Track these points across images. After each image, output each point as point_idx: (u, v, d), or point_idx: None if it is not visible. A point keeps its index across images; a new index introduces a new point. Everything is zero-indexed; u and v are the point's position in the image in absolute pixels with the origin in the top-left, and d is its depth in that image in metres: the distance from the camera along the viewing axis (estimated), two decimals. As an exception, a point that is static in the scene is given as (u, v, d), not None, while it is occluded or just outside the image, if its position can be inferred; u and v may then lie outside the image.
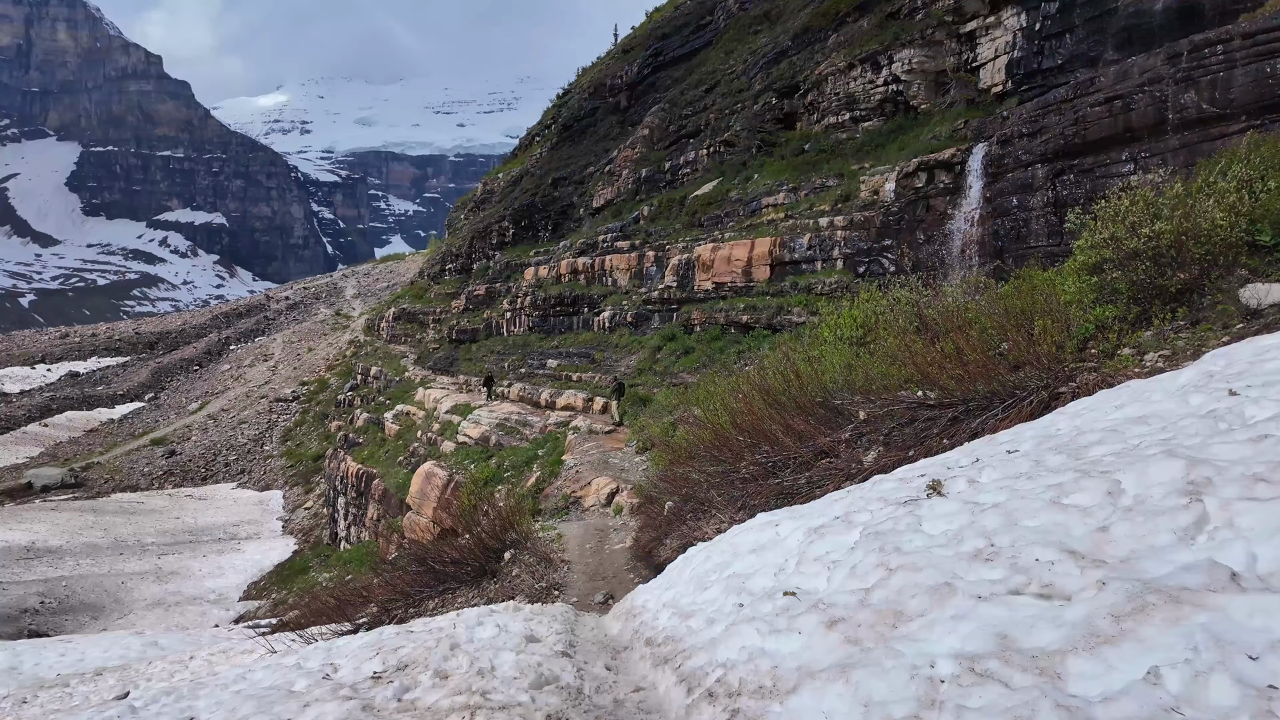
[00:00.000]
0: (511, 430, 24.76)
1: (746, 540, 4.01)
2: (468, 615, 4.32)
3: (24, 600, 32.81)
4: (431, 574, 10.38)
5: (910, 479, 3.82)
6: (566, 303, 33.51)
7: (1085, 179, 15.70)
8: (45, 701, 10.45)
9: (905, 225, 20.09)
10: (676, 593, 3.99)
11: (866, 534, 3.08)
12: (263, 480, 56.22)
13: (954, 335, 9.02)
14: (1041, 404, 6.89)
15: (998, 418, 7.09)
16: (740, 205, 27.35)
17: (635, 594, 5.36)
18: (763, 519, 4.60)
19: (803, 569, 3.10)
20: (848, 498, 3.99)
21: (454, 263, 56.38)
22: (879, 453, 7.67)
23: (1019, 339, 8.37)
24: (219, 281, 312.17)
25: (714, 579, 3.67)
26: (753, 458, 8.57)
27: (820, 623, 2.49)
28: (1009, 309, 9.58)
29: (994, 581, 2.33)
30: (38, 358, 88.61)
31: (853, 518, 3.41)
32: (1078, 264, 9.69)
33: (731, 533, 4.95)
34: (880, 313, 11.00)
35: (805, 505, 4.75)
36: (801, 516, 4.02)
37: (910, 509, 3.20)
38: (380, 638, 4.08)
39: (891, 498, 3.53)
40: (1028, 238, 16.72)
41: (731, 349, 22.55)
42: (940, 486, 3.46)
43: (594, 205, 41.59)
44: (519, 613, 4.63)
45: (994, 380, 7.65)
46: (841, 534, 3.25)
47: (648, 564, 8.12)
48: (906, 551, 2.74)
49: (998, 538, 2.62)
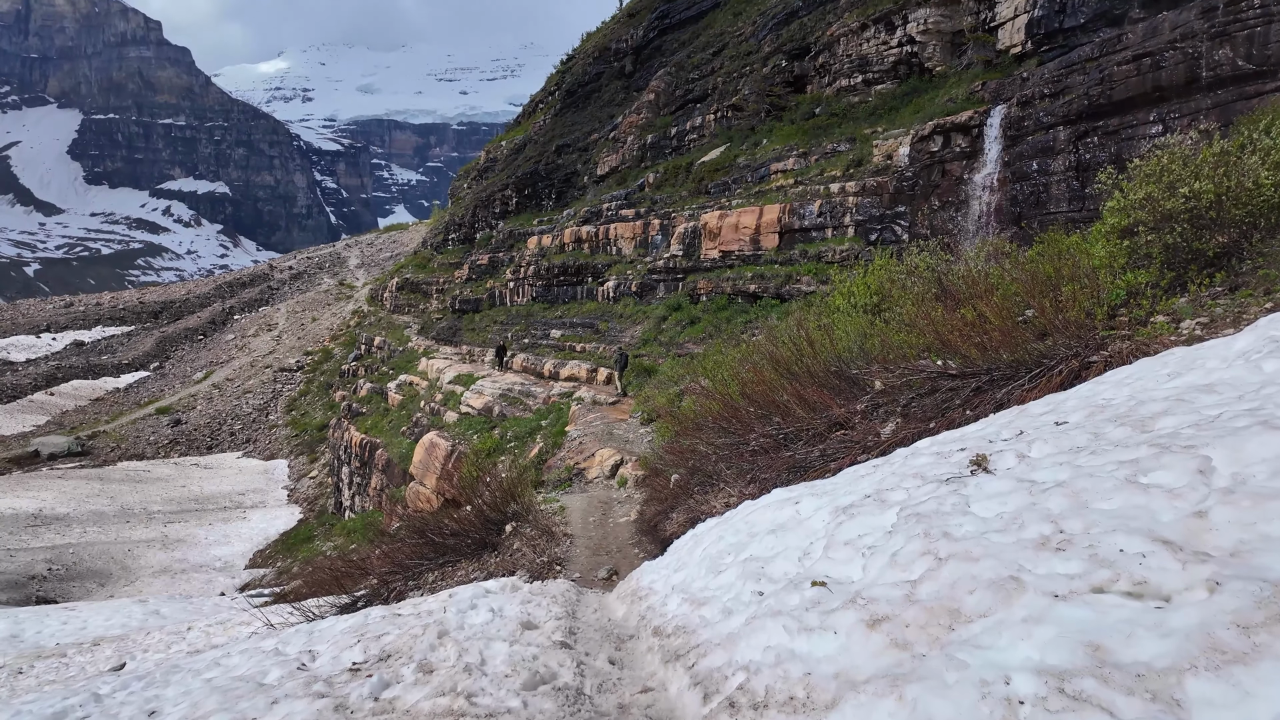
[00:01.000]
0: (515, 401, 24.46)
1: (763, 519, 3.65)
2: (461, 596, 4.00)
3: (32, 567, 33.00)
4: (431, 546, 10.12)
5: (948, 453, 3.43)
6: (570, 272, 32.99)
7: (1110, 141, 15.06)
8: (41, 672, 10.30)
9: (919, 191, 19.46)
10: (687, 575, 3.65)
11: (905, 516, 2.71)
12: (268, 449, 56.37)
13: (977, 301, 8.58)
14: (1071, 373, 6.49)
15: (1024, 388, 6.68)
16: (748, 171, 26.66)
17: (641, 572, 5.02)
18: (779, 495, 4.23)
19: (832, 554, 2.73)
20: (875, 474, 3.61)
21: (457, 232, 55.76)
22: (897, 424, 7.28)
23: (1046, 305, 7.92)
24: (223, 251, 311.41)
25: (729, 562, 3.32)
26: (763, 429, 8.21)
27: (860, 621, 2.12)
28: (1035, 274, 9.10)
29: (1071, 576, 1.95)
30: (43, 326, 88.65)
31: (886, 497, 3.04)
32: (1107, 227, 9.22)
33: (744, 509, 4.59)
34: (897, 279, 10.54)
35: (826, 481, 4.37)
36: (824, 494, 3.65)
37: (954, 488, 2.82)
38: (366, 621, 3.77)
39: (929, 474, 3.15)
40: (1047, 203, 16.12)
41: (739, 319, 22.09)
42: (985, 462, 3.07)
43: (598, 173, 40.81)
44: (516, 593, 4.30)
45: (1019, 348, 7.22)
46: (875, 515, 2.88)
47: (653, 538, 7.81)
48: (957, 537, 2.36)
49: (1067, 522, 2.23)
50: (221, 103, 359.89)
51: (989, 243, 10.35)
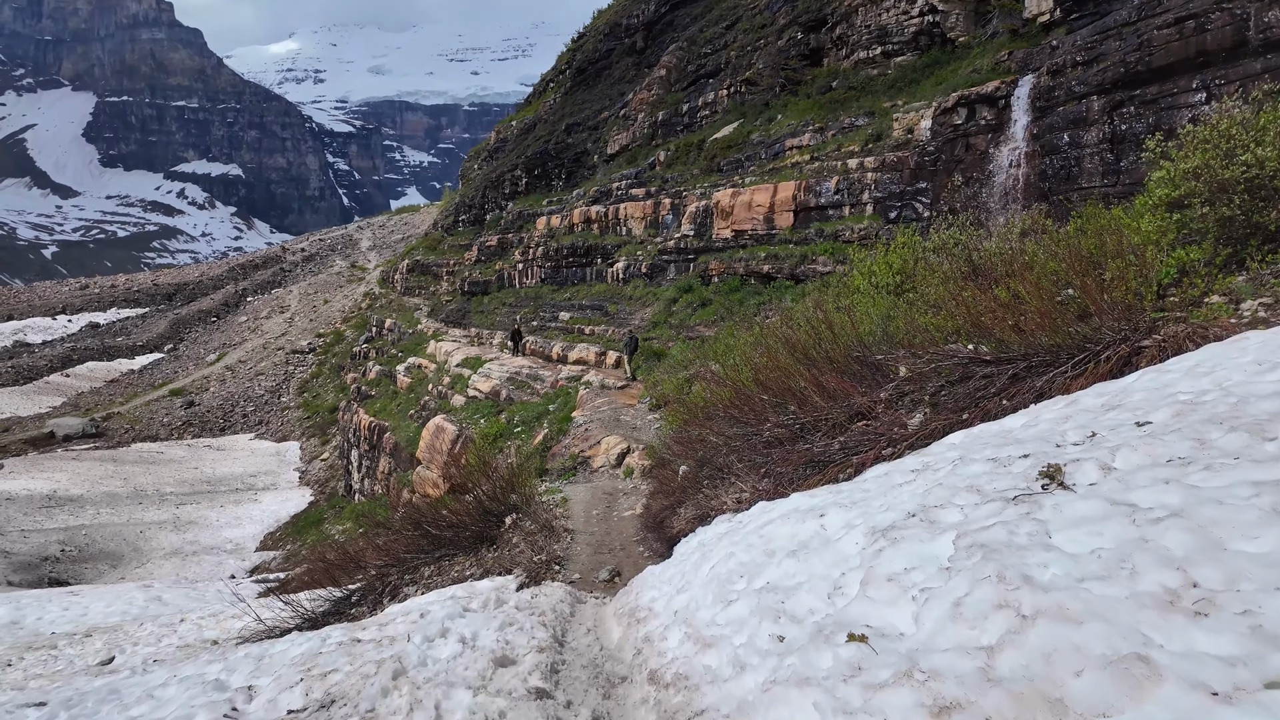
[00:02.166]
0: (522, 384, 23.98)
1: (782, 534, 3.09)
2: (433, 617, 3.49)
3: (45, 548, 33.13)
4: (428, 538, 9.67)
5: (1006, 460, 2.84)
6: (579, 253, 32.34)
7: (1148, 111, 14.18)
8: (30, 665, 9.98)
9: (942, 166, 18.62)
10: (692, 599, 3.11)
11: (966, 546, 2.14)
12: (280, 431, 56.47)
13: (1012, 280, 7.90)
14: (1120, 360, 5.83)
15: (1067, 375, 6.01)
16: (762, 148, 25.81)
17: (643, 582, 4.47)
18: (800, 502, 3.65)
19: (871, 592, 2.17)
20: (916, 482, 3.03)
21: (467, 214, 55.20)
22: (925, 415, 6.64)
23: (1089, 284, 7.22)
24: (237, 233, 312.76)
25: (740, 589, 2.78)
26: (778, 419, 7.62)
27: (920, 705, 1.57)
28: (1076, 250, 8.39)
29: (1228, 661, 1.38)
30: (59, 309, 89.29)
31: (936, 517, 2.46)
32: (1154, 199, 8.50)
33: (759, 515, 4.01)
34: (922, 257, 9.86)
35: (853, 486, 3.79)
36: (854, 504, 3.07)
37: (1026, 510, 2.24)
38: (320, 647, 3.26)
39: (988, 488, 2.57)
40: (1079, 177, 15.28)
41: (751, 300, 21.40)
42: (1060, 475, 2.48)
43: (608, 151, 39.99)
44: (499, 611, 3.78)
45: (1059, 332, 6.55)
46: (924, 541, 2.31)
47: (659, 536, 7.27)
48: (1043, 584, 1.79)
49: (1199, 570, 1.65)
50: (234, 84, 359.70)
51: (1023, 217, 9.66)
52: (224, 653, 3.68)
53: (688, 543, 5.86)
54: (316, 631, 3.78)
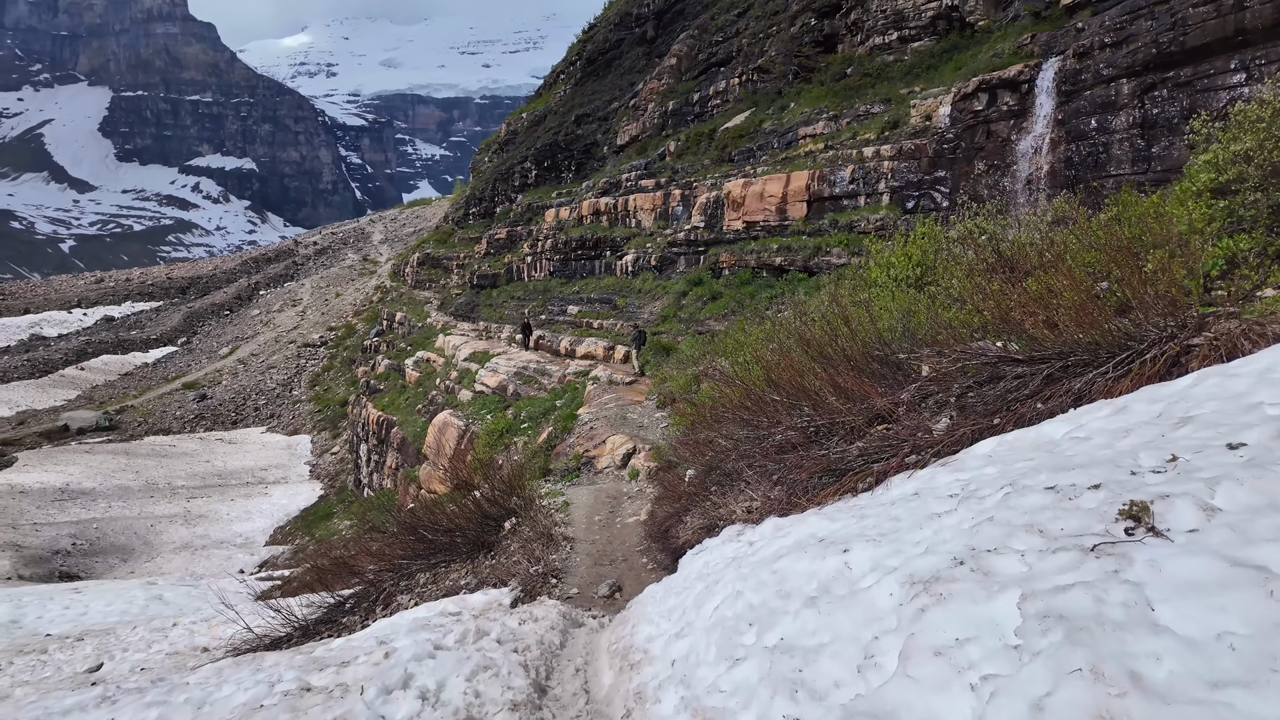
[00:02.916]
0: (529, 379, 23.58)
1: (797, 571, 2.62)
2: (398, 658, 3.04)
3: (56, 542, 33.17)
4: (425, 544, 9.28)
5: (1072, 491, 2.34)
6: (588, 246, 31.85)
7: (1181, 94, 13.49)
8: (18, 670, 9.71)
9: (961, 154, 17.96)
10: (692, 648, 2.65)
11: (1037, 614, 1.66)
12: (291, 425, 56.53)
13: (1043, 272, 7.34)
14: (1169, 359, 5.28)
15: (1108, 376, 5.46)
16: (775, 137, 25.18)
17: (641, 608, 4.01)
18: (817, 526, 3.17)
19: (915, 669, 1.70)
20: (960, 512, 2.54)
21: (477, 206, 54.86)
22: (952, 419, 6.12)
23: (1130, 277, 6.64)
24: (251, 227, 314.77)
25: (748, 644, 2.32)
26: (791, 421, 7.13)
27: None
28: (1114, 240, 7.80)
29: None
30: (74, 302, 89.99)
31: (991, 565, 1.98)
32: (1199, 184, 7.91)
33: (770, 537, 3.53)
34: (944, 248, 9.31)
35: (876, 505, 3.31)
36: (883, 539, 2.59)
37: (1112, 566, 1.76)
38: (265, 696, 2.84)
39: (1053, 529, 2.08)
40: (1107, 164, 14.61)
41: (763, 294, 20.85)
42: (1147, 515, 1.99)
43: (618, 143, 39.41)
44: (478, 647, 3.34)
45: (1097, 328, 5.98)
46: (979, 601, 1.83)
47: (663, 546, 6.82)
48: (1159, 689, 1.31)
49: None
50: (247, 79, 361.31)
51: (1056, 204, 9.08)
52: (170, 691, 3.26)
53: (693, 559, 5.39)
54: (271, 665, 3.35)
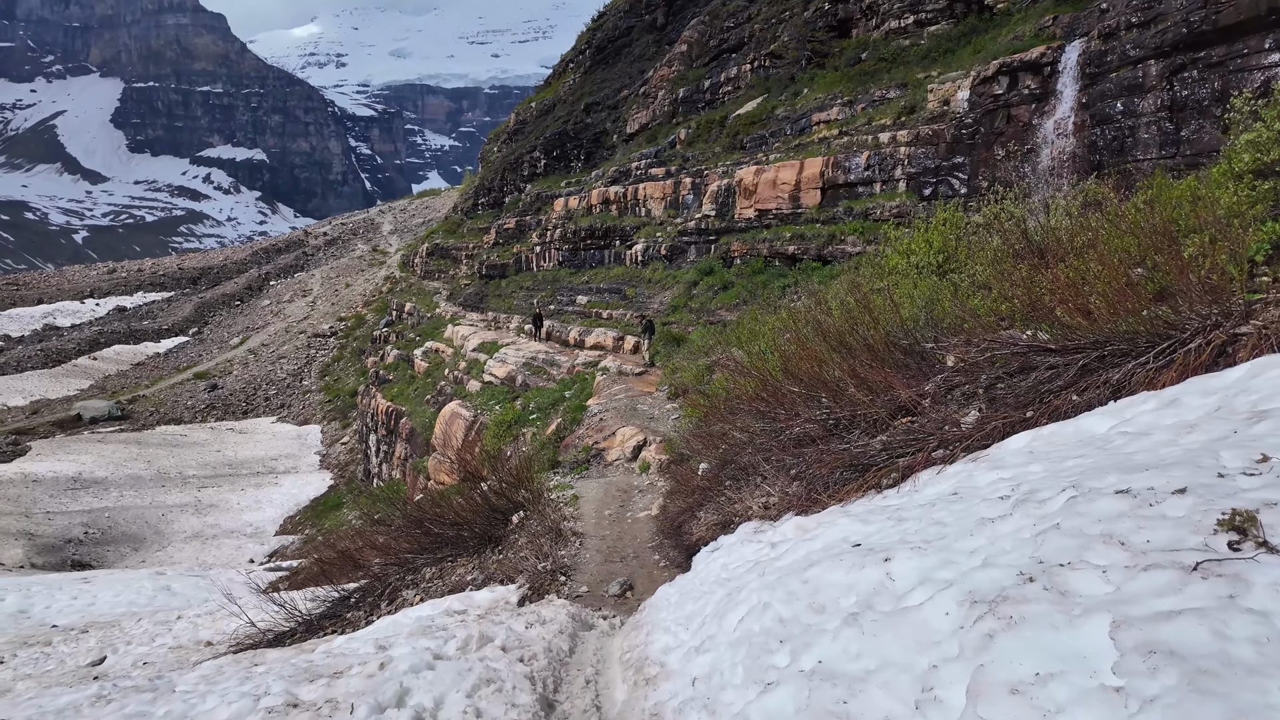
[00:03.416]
0: (538, 370, 23.35)
1: (832, 582, 2.35)
2: (394, 670, 2.79)
3: (69, 530, 33.33)
4: (430, 537, 9.08)
5: (1147, 493, 2.04)
6: (597, 235, 31.52)
7: (1213, 75, 13.01)
8: (21, 663, 9.60)
9: (981, 139, 17.51)
10: (715, 665, 2.39)
11: (1138, 647, 1.38)
12: (301, 415, 56.67)
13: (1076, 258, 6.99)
14: (1214, 349, 4.94)
15: (1148, 367, 5.11)
16: (787, 123, 24.73)
17: (655, 612, 3.74)
18: (849, 529, 2.89)
19: (987, 709, 1.43)
20: (1015, 516, 2.25)
21: (486, 197, 54.59)
22: (981, 411, 5.80)
23: (1166, 262, 6.28)
24: (261, 218, 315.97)
25: (781, 665, 2.05)
26: (810, 413, 6.83)
27: None
28: (1152, 223, 7.43)
29: None
30: (87, 292, 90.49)
31: (1066, 582, 1.70)
32: (1242, 165, 7.51)
33: (795, 543, 3.25)
34: (968, 233, 8.96)
35: (913, 506, 3.02)
36: (927, 543, 2.31)
37: (1225, 589, 1.47)
38: (250, 712, 2.61)
39: (1136, 541, 1.79)
40: (1133, 149, 14.15)
41: (775, 283, 20.49)
42: (1254, 526, 1.70)
43: (628, 131, 39.00)
44: (480, 655, 3.09)
45: (1134, 315, 5.63)
46: (1058, 626, 1.56)
47: (676, 543, 6.55)
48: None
49: None
50: (257, 69, 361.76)
51: (1088, 187, 8.71)
52: (154, 700, 3.03)
53: (708, 558, 5.13)
54: (263, 672, 3.12)
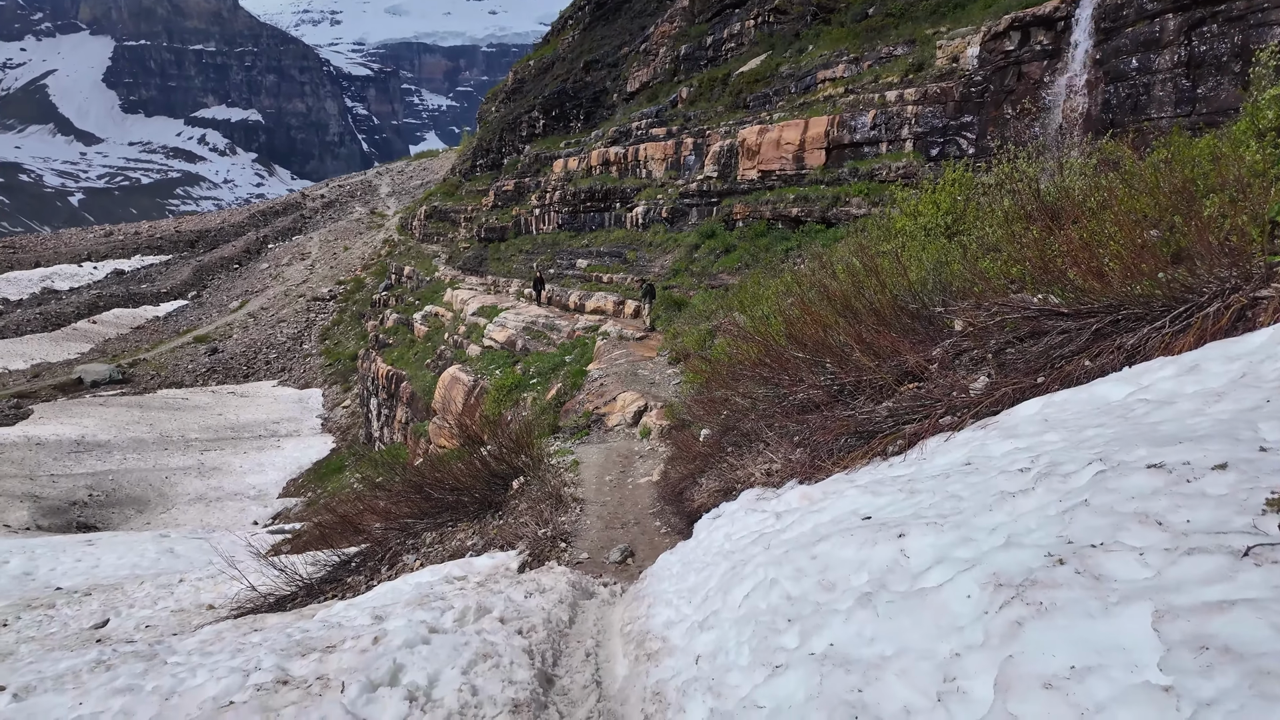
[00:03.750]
0: (538, 334, 23.20)
1: (843, 559, 2.24)
2: (388, 644, 2.71)
3: (73, 493, 33.56)
4: (431, 502, 9.04)
5: (1184, 470, 1.91)
6: (597, 197, 31.04)
7: (1233, 29, 12.59)
8: (25, 626, 9.66)
9: (990, 98, 17.07)
10: (720, 642, 2.30)
11: (1186, 640, 1.25)
12: (302, 378, 56.69)
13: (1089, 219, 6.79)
14: (1234, 313, 4.77)
15: (1164, 331, 4.95)
16: (792, 81, 24.13)
17: (658, 582, 3.66)
18: (859, 502, 2.78)
19: (1018, 705, 1.31)
20: (1038, 491, 2.13)
21: (484, 158, 53.75)
22: (990, 377, 5.67)
23: (1184, 223, 6.07)
24: (258, 180, 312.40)
25: (790, 647, 1.95)
26: (814, 379, 6.70)
27: None
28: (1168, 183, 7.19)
29: None
30: (84, 256, 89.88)
31: (1100, 565, 1.57)
32: (1265, 122, 7.26)
33: (802, 515, 3.14)
34: (976, 195, 8.72)
35: (924, 476, 2.90)
36: (943, 518, 2.19)
37: (1278, 578, 1.35)
38: (238, 689, 2.53)
39: (1174, 520, 1.67)
40: (1148, 107, 13.78)
41: (778, 246, 20.22)
42: (1305, 506, 1.57)
43: (628, 90, 38.17)
44: (478, 627, 3.01)
45: (1147, 279, 5.44)
46: (1093, 614, 1.43)
47: (677, 509, 6.49)
48: None
49: None
50: (250, 27, 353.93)
51: (1105, 145, 8.44)
52: (145, 673, 2.96)
53: (710, 525, 5.05)
54: (255, 644, 3.04)
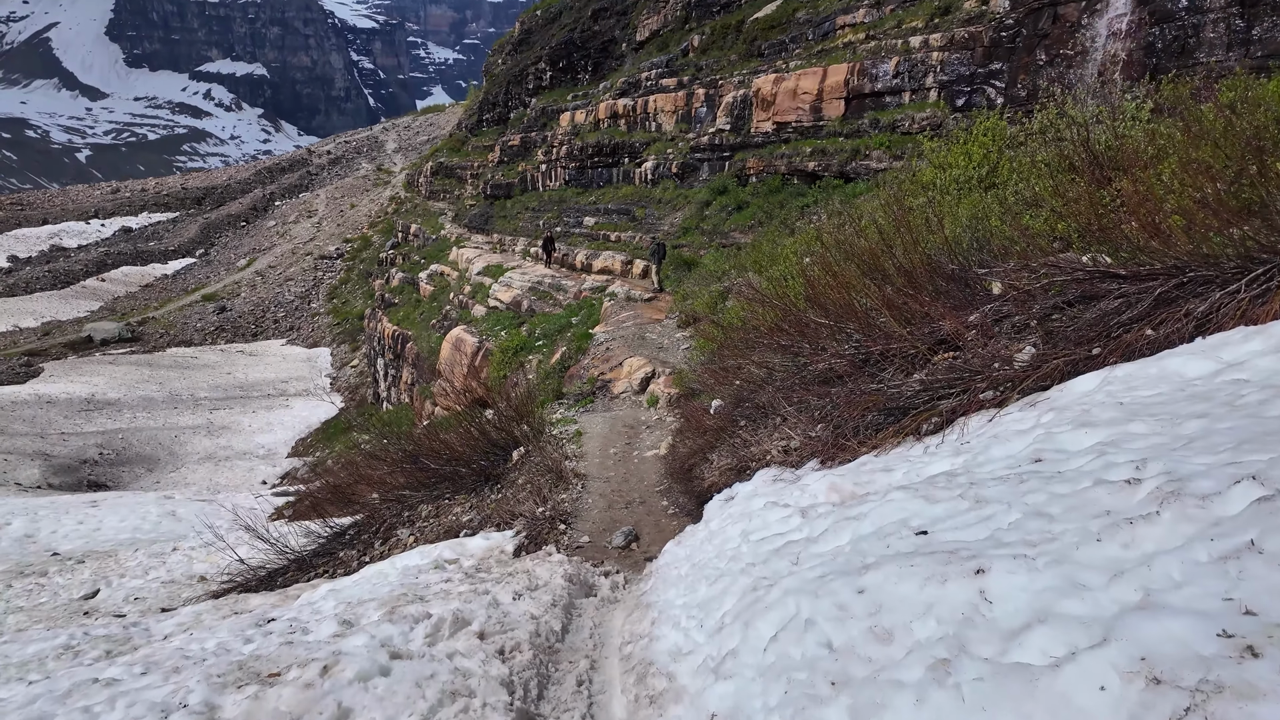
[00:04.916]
0: (544, 295, 22.60)
1: (901, 597, 1.71)
2: (340, 675, 2.21)
3: (84, 451, 33.66)
4: (427, 473, 8.62)
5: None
6: (605, 152, 30.03)
7: (1298, -37, 11.54)
8: (15, 595, 9.42)
9: (1022, 43, 16.00)
10: (738, 700, 1.78)
11: None
12: (310, 337, 56.52)
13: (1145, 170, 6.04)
14: (1325, 277, 4.11)
15: (1239, 297, 4.28)
16: (810, 27, 22.92)
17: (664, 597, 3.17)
18: (908, 508, 2.25)
19: None
20: (1168, 520, 1.58)
21: (490, 112, 52.36)
22: (1037, 347, 5.03)
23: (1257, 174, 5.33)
24: (265, 136, 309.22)
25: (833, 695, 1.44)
26: (837, 348, 6.11)
27: None
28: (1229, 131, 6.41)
29: None
30: (91, 213, 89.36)
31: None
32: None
33: (837, 524, 2.62)
34: (1014, 144, 7.97)
35: (981, 469, 2.36)
36: (1032, 548, 1.65)
37: None
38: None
39: None
40: (1196, 50, 12.78)
41: (794, 203, 19.38)
42: None
43: (637, 39, 36.71)
44: (446, 659, 2.53)
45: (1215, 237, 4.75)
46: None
47: (686, 487, 5.99)
48: None
49: None
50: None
51: (1165, 88, 7.64)
52: (105, 672, 2.50)
53: (723, 512, 4.54)
54: (187, 672, 2.58)
